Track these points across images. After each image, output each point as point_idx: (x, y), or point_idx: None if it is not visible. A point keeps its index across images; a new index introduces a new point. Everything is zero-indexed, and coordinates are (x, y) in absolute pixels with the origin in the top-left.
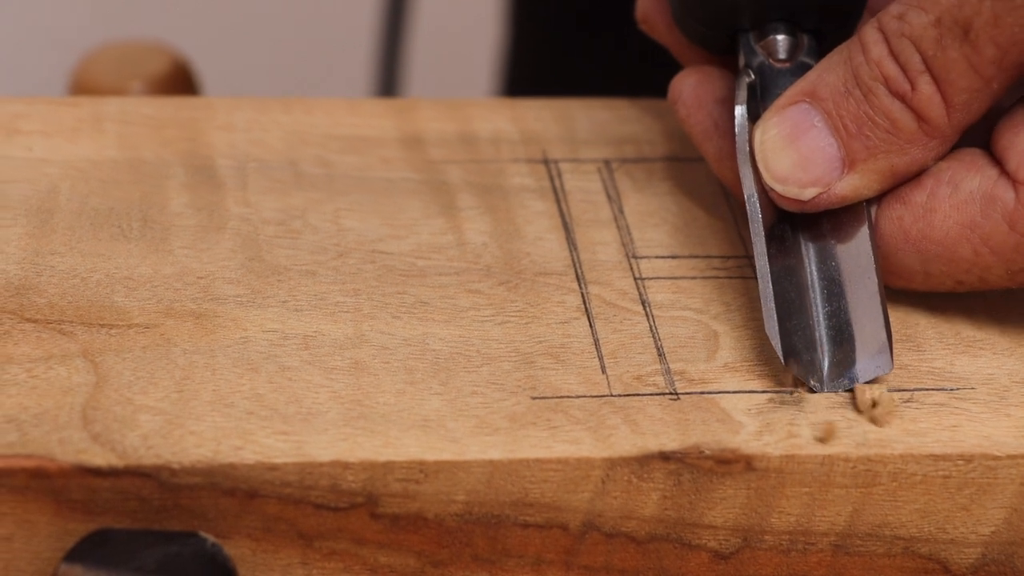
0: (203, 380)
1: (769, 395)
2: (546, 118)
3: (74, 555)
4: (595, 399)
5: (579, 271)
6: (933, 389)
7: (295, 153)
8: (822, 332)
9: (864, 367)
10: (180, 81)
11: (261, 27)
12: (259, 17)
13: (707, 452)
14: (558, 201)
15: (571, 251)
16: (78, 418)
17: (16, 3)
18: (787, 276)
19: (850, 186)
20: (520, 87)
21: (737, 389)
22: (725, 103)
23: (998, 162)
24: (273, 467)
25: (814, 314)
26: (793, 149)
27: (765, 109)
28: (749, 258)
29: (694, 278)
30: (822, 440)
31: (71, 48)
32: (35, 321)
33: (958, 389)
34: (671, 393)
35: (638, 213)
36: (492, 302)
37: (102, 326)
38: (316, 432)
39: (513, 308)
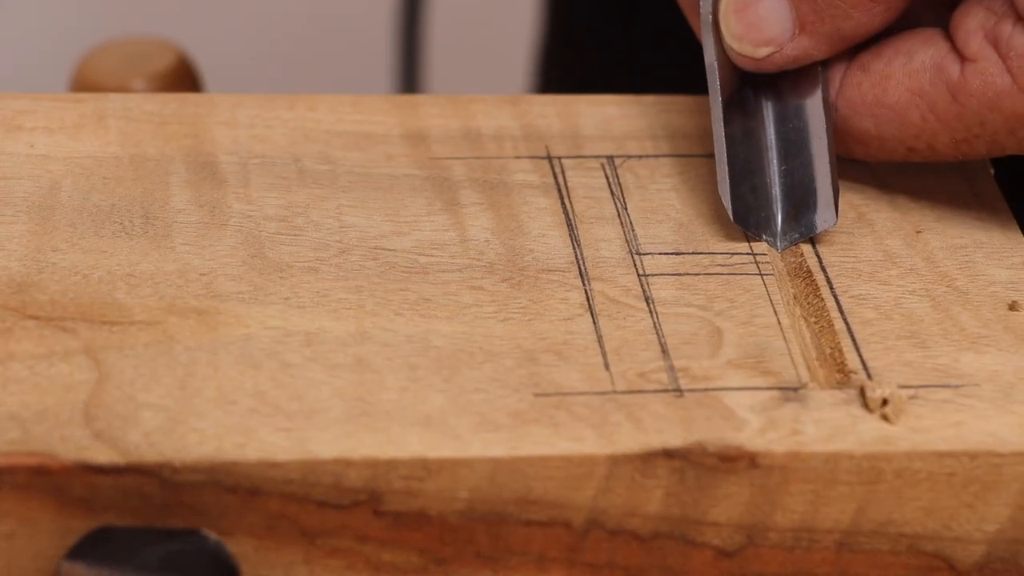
0: (205, 377)
1: (773, 392)
2: (549, 114)
3: (76, 553)
4: (598, 396)
5: (582, 268)
6: (938, 386)
7: (298, 149)
8: (776, 190)
9: (813, 220)
10: (183, 78)
11: (265, 24)
12: (263, 14)
13: (711, 449)
14: (561, 198)
15: (574, 248)
16: (80, 415)
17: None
18: (747, 138)
19: (800, 47)
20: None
21: (741, 386)
22: None
23: (950, 39)
24: (275, 464)
25: (770, 173)
26: (751, 10)
27: None
28: (753, 254)
29: (698, 275)
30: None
31: (74, 45)
32: (37, 318)
33: (963, 386)
34: (675, 390)
35: (642, 209)
36: (495, 299)
37: (104, 323)
38: (319, 429)
39: (516, 305)
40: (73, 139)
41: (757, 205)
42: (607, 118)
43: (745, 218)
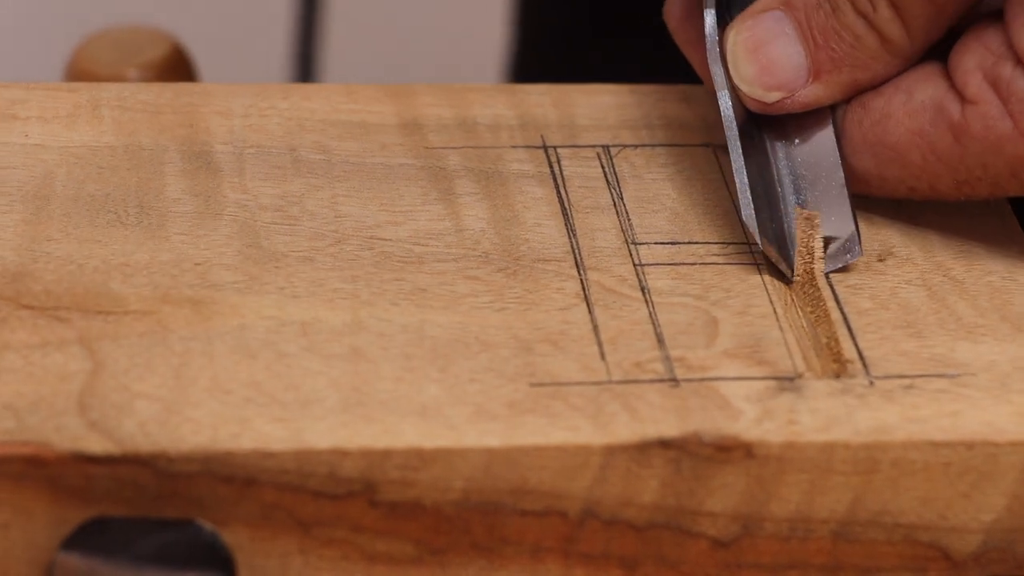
0: (200, 367)
1: (769, 382)
2: (545, 104)
3: (71, 543)
4: (594, 386)
5: (578, 257)
6: (934, 375)
7: (293, 139)
8: (791, 226)
9: (834, 255)
10: (178, 67)
11: (260, 13)
12: (257, 3)
13: (706, 439)
14: (557, 187)
15: (570, 237)
16: (75, 405)
17: None
18: (756, 174)
19: (813, 95)
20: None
21: (737, 376)
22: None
23: (950, 78)
24: (270, 454)
25: (783, 209)
26: (762, 53)
27: (731, 15)
28: (749, 244)
29: (694, 264)
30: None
31: (68, 34)
32: (31, 308)
33: (959, 375)
34: (670, 380)
35: (638, 199)
36: (490, 288)
37: (99, 313)
38: (314, 419)
39: (512, 294)
40: (68, 129)
41: (773, 238)
42: (603, 107)
43: (769, 247)
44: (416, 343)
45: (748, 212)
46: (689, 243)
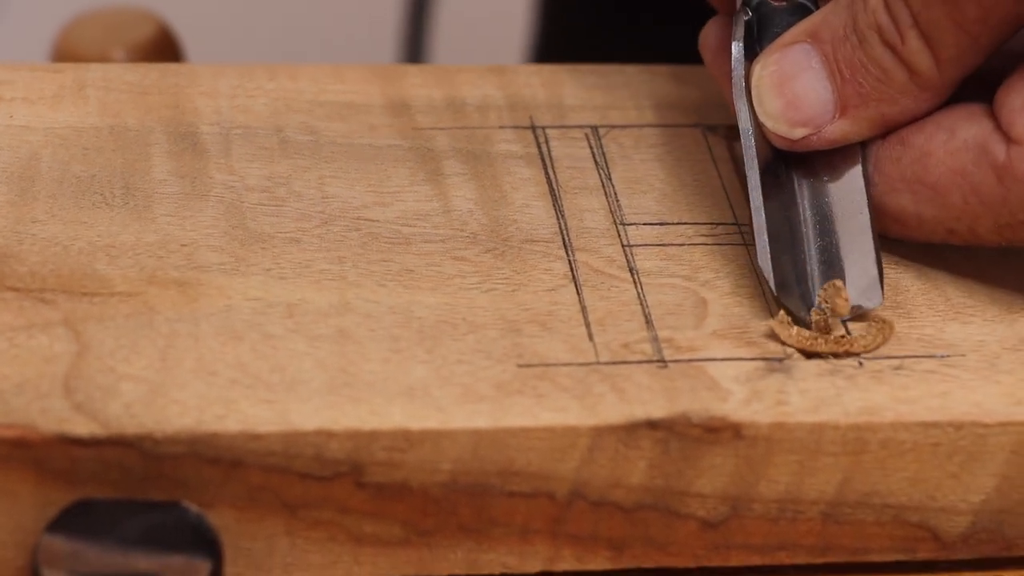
0: (186, 348)
1: (758, 363)
2: (534, 84)
3: (56, 525)
4: (582, 367)
5: (566, 238)
6: (923, 356)
7: (280, 120)
8: (813, 266)
9: (854, 300)
10: (164, 48)
11: None
12: None
13: (695, 420)
14: (545, 168)
15: (558, 218)
16: (60, 387)
17: None
18: (780, 212)
19: (839, 131)
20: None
21: (725, 356)
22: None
23: (995, 117)
24: (257, 436)
25: (806, 249)
26: (788, 88)
27: (761, 47)
28: (738, 224)
29: (682, 245)
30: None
31: (54, 14)
32: (16, 289)
33: (948, 356)
34: (659, 361)
35: (626, 180)
36: (478, 269)
37: (84, 294)
38: (300, 400)
39: (499, 275)
40: (53, 109)
41: (794, 280)
42: (591, 88)
43: (787, 291)
44: (403, 324)
45: (764, 258)
46: (678, 224)
